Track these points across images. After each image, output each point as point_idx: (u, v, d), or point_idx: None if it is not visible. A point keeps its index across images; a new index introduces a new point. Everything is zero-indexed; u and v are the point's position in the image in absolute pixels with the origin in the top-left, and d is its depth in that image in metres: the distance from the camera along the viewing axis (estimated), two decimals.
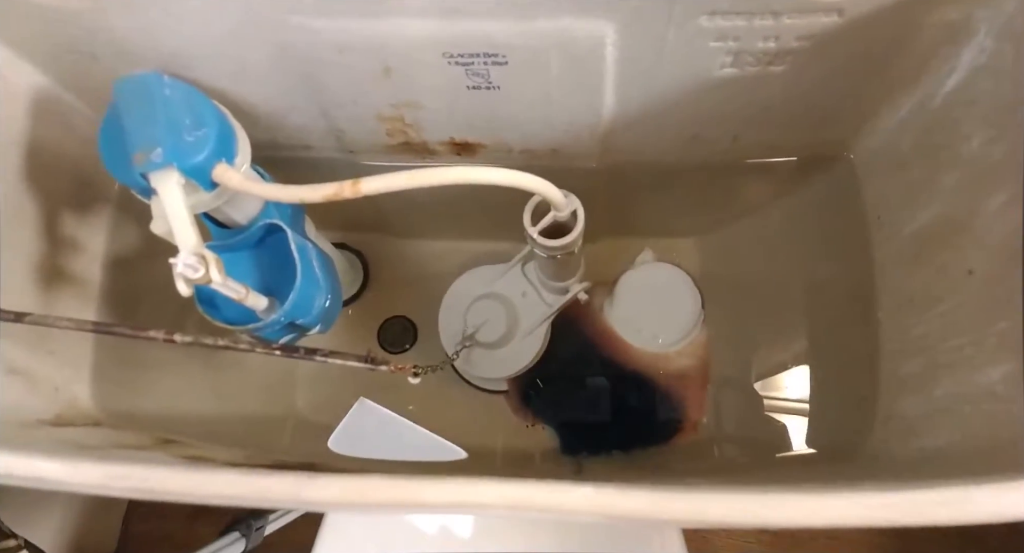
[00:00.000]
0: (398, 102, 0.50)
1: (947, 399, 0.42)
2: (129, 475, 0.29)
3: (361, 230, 0.86)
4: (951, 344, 0.42)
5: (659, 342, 0.81)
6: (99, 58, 0.48)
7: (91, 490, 0.30)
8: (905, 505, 0.26)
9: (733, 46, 0.42)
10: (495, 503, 0.28)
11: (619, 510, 0.27)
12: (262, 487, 0.29)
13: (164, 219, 0.44)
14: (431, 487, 0.28)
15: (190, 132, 0.44)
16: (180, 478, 0.29)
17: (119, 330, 0.43)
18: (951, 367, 0.42)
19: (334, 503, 0.29)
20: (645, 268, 0.83)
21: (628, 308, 0.82)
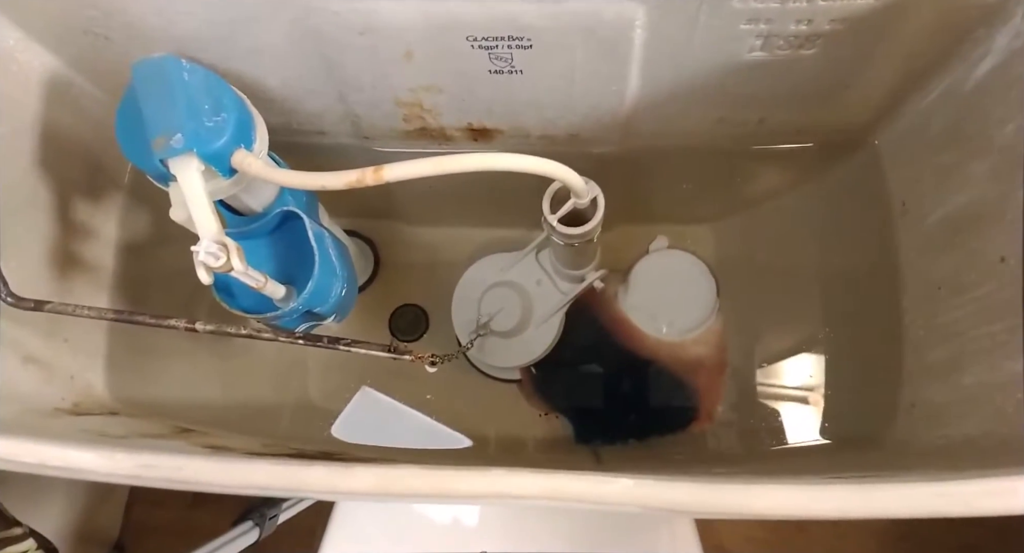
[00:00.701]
0: (417, 86, 0.49)
1: (977, 387, 0.42)
2: (162, 464, 0.29)
3: (371, 217, 0.86)
4: (983, 331, 0.42)
5: (674, 330, 0.81)
6: (113, 40, 0.47)
7: (124, 480, 0.30)
8: (953, 496, 0.26)
9: (764, 29, 0.42)
10: (534, 494, 0.28)
11: (661, 501, 0.27)
12: (299, 479, 0.29)
13: (183, 206, 0.44)
14: (467, 477, 0.28)
15: (210, 117, 0.44)
16: (215, 468, 0.29)
17: (140, 319, 0.43)
18: (982, 354, 0.42)
19: (370, 493, 0.28)
20: (660, 255, 0.83)
21: (643, 296, 0.81)
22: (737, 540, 0.96)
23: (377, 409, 0.81)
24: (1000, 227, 0.41)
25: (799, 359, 0.73)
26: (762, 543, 0.95)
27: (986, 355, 0.41)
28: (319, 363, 0.83)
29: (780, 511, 0.27)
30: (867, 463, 0.50)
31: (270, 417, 0.75)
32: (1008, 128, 0.41)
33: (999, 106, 0.42)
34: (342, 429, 0.79)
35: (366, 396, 0.81)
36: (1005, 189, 0.41)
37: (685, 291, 0.81)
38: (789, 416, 0.70)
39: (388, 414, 0.81)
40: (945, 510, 0.26)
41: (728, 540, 0.96)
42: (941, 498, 0.26)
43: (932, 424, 0.46)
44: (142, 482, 0.29)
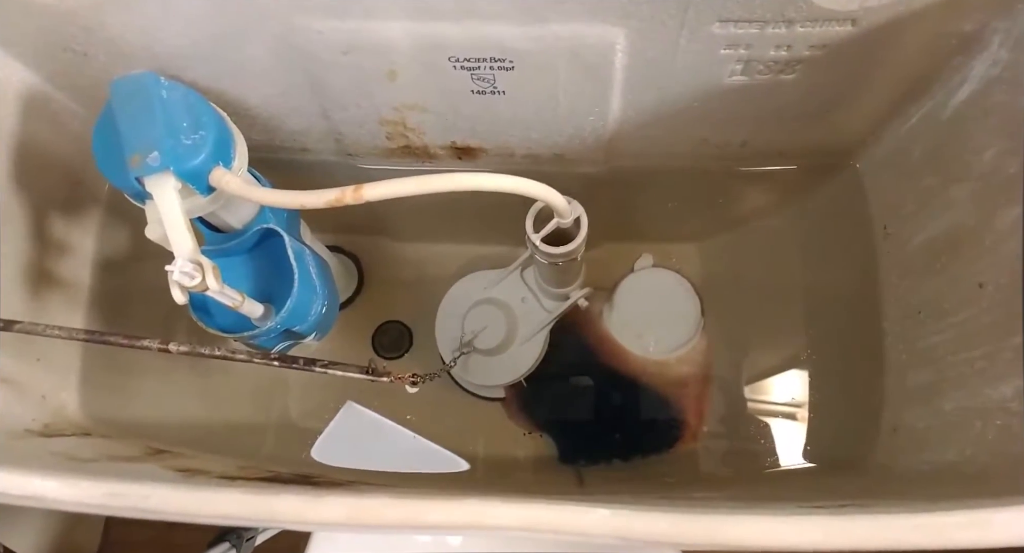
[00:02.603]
0: (401, 105, 0.49)
1: (957, 413, 0.42)
2: (129, 493, 0.28)
3: (355, 233, 0.85)
4: (962, 357, 0.42)
5: (659, 349, 0.80)
6: (93, 57, 0.47)
7: (90, 510, 0.29)
8: (926, 528, 0.26)
9: (744, 54, 0.42)
10: (510, 525, 0.28)
11: (636, 533, 0.27)
12: (267, 508, 0.28)
13: (159, 224, 0.43)
14: (441, 507, 0.28)
15: (188, 135, 0.44)
16: (183, 497, 0.28)
17: (113, 340, 0.42)
18: (961, 380, 0.42)
19: (341, 523, 0.28)
20: (644, 273, 0.83)
21: (627, 314, 0.81)
22: None
23: (361, 426, 0.80)
24: (979, 253, 0.41)
25: (783, 380, 0.73)
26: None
27: (966, 381, 0.41)
28: (300, 382, 0.82)
29: (758, 543, 0.26)
30: (850, 489, 0.50)
31: (249, 437, 0.74)
32: (987, 155, 0.41)
33: (978, 133, 0.42)
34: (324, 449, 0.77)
35: (350, 412, 0.80)
36: (984, 215, 0.41)
37: (670, 310, 0.81)
38: (774, 438, 0.70)
39: (373, 432, 0.80)
40: (922, 542, 0.26)
41: None
42: (918, 530, 0.26)
43: (914, 449, 0.46)
44: (110, 511, 0.29)
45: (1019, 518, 0.26)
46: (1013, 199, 0.38)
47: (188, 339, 0.70)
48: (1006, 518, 0.26)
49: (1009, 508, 0.26)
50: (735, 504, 0.29)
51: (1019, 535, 0.26)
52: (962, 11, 0.38)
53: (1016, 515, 0.26)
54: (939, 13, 0.39)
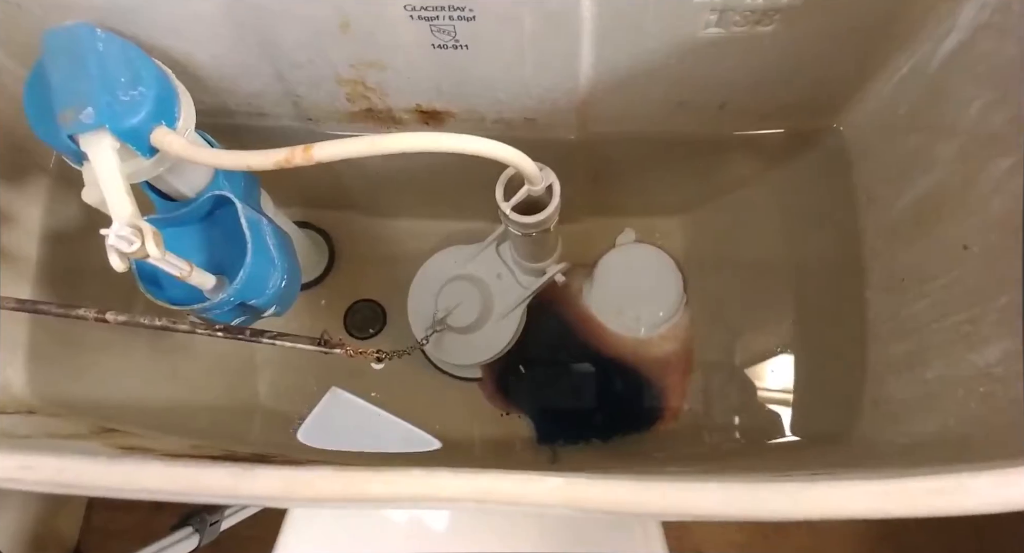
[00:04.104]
0: (358, 62, 0.47)
1: (939, 382, 0.41)
2: (43, 466, 0.27)
3: (326, 207, 0.83)
4: (945, 323, 0.41)
5: (640, 326, 0.79)
6: (27, 9, 0.44)
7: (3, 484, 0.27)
8: (897, 495, 0.25)
9: (718, 2, 0.40)
10: (458, 496, 0.26)
11: (591, 502, 0.25)
12: (192, 481, 0.26)
13: (96, 187, 0.41)
14: (383, 479, 0.26)
15: (126, 91, 0.41)
16: (101, 471, 0.27)
17: (44, 308, 0.40)
18: (944, 347, 0.41)
19: (276, 497, 0.26)
20: (625, 249, 0.82)
21: (608, 291, 0.80)
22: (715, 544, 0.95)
23: (346, 411, 0.79)
24: (964, 213, 0.40)
25: (767, 355, 0.72)
26: (741, 547, 0.94)
27: (948, 348, 0.40)
28: (268, 361, 0.80)
29: (716, 511, 0.25)
30: (832, 462, 0.49)
31: (214, 418, 0.72)
32: (974, 106, 0.39)
33: (965, 84, 0.40)
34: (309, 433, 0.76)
35: (335, 397, 0.79)
36: (970, 172, 0.39)
37: (652, 286, 0.80)
38: (757, 413, 0.69)
39: (359, 417, 0.78)
40: (894, 510, 0.25)
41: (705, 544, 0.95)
42: (889, 497, 0.25)
43: (895, 421, 0.45)
44: (23, 486, 0.27)
45: (994, 484, 0.25)
46: (1000, 152, 0.37)
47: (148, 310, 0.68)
48: (981, 484, 0.25)
49: (984, 473, 0.25)
50: (705, 476, 0.28)
51: (994, 501, 0.24)
52: None
53: (991, 480, 0.25)
54: None
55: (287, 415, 0.76)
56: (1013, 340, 0.34)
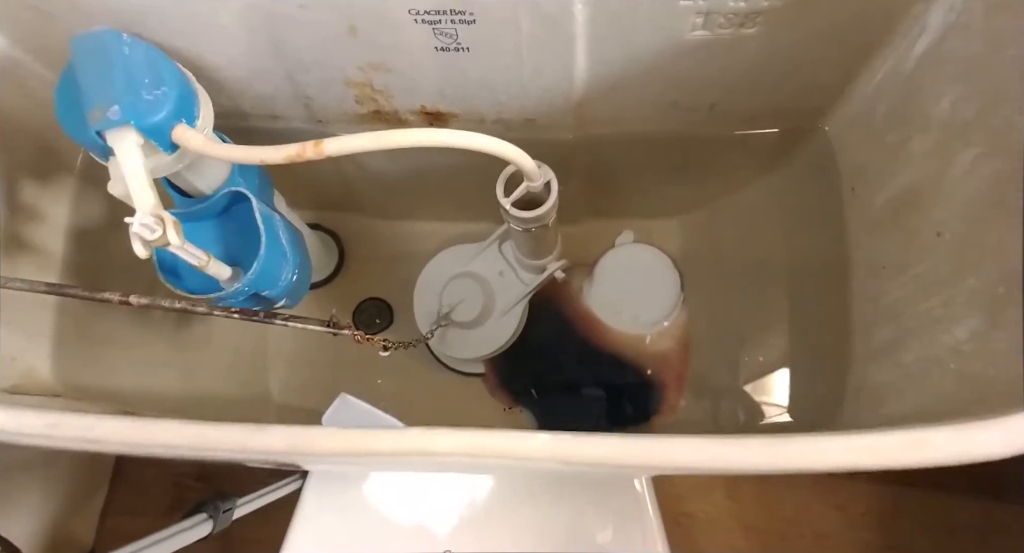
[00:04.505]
0: (365, 64, 0.49)
1: (916, 364, 0.42)
2: (72, 424, 0.28)
3: (336, 210, 0.86)
4: (921, 308, 0.42)
5: (638, 323, 0.81)
6: (56, 16, 0.47)
7: (33, 440, 0.29)
8: (866, 449, 0.26)
9: (703, 5, 0.42)
10: (452, 451, 0.28)
11: (575, 456, 0.27)
12: (208, 437, 0.28)
13: (122, 180, 0.43)
14: (385, 437, 0.28)
15: (149, 91, 0.44)
16: (123, 427, 0.28)
17: (72, 291, 0.42)
18: (920, 331, 0.42)
19: (282, 452, 0.28)
20: (624, 249, 0.83)
21: (607, 289, 0.81)
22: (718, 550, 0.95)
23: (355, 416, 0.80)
24: (937, 202, 0.42)
25: (762, 350, 0.73)
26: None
27: (924, 331, 0.41)
28: (280, 356, 0.82)
29: (693, 462, 0.26)
30: None
31: (226, 410, 0.74)
32: (944, 102, 0.41)
33: (937, 82, 0.42)
34: None
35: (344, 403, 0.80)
36: (942, 164, 0.41)
37: (650, 285, 0.81)
38: (752, 409, 0.70)
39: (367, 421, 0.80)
40: (862, 463, 0.26)
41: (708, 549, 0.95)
42: (857, 451, 0.26)
43: (877, 404, 0.46)
44: (52, 442, 0.29)
45: (952, 438, 0.26)
46: (968, 143, 0.38)
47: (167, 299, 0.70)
48: (940, 438, 0.26)
49: (943, 428, 0.26)
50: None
51: (954, 453, 0.26)
52: None
53: (949, 435, 0.26)
54: None
55: (298, 409, 0.78)
56: (980, 319, 0.35)
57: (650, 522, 0.60)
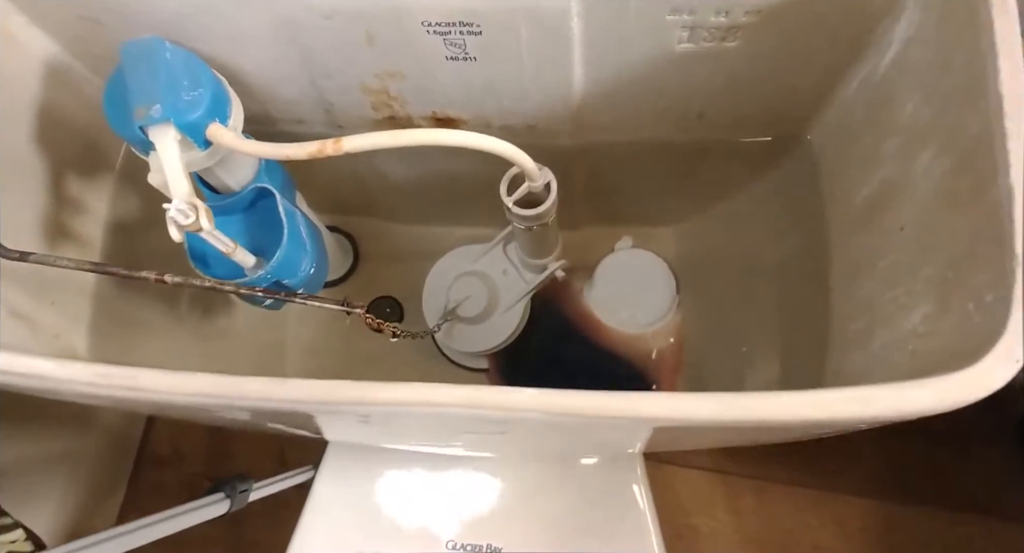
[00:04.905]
0: (381, 72, 0.53)
1: (882, 349, 0.45)
2: (118, 373, 0.32)
3: (353, 214, 0.90)
4: (887, 298, 0.45)
5: (635, 323, 0.83)
6: (105, 24, 0.51)
7: (81, 388, 0.32)
8: (818, 403, 0.29)
9: (688, 20, 0.46)
10: (451, 402, 0.31)
11: (558, 407, 0.30)
12: (236, 387, 0.32)
13: (160, 172, 0.47)
14: (391, 388, 0.31)
15: (187, 92, 0.48)
16: (162, 378, 0.32)
17: (114, 270, 0.46)
18: (886, 319, 0.45)
19: (301, 400, 0.31)
20: (623, 253, 0.86)
21: (606, 290, 0.85)
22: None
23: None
24: (901, 200, 0.44)
25: (752, 344, 0.76)
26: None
27: (889, 319, 0.44)
28: (297, 346, 0.86)
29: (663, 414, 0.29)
30: None
31: None
32: (908, 108, 0.44)
33: (902, 89, 0.45)
34: None
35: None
36: (905, 164, 0.44)
37: (646, 287, 0.84)
38: None
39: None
40: (809, 415, 0.29)
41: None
42: (806, 405, 0.29)
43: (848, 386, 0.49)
44: (97, 390, 0.32)
45: (891, 394, 0.29)
46: (926, 145, 0.41)
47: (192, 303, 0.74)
48: (881, 394, 0.29)
49: (885, 387, 0.29)
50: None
51: (891, 407, 0.29)
52: None
53: (889, 391, 0.29)
54: None
55: None
56: (933, 303, 0.38)
57: (649, 535, 0.62)
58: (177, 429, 1.06)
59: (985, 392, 0.29)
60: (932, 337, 0.37)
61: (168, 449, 1.06)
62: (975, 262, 0.34)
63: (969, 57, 0.36)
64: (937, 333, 0.38)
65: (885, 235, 0.47)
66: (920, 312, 0.39)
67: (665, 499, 0.91)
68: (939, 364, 0.32)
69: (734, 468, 0.92)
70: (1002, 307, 0.30)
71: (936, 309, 0.38)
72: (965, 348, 0.31)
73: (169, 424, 1.06)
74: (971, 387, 0.29)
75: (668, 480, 0.92)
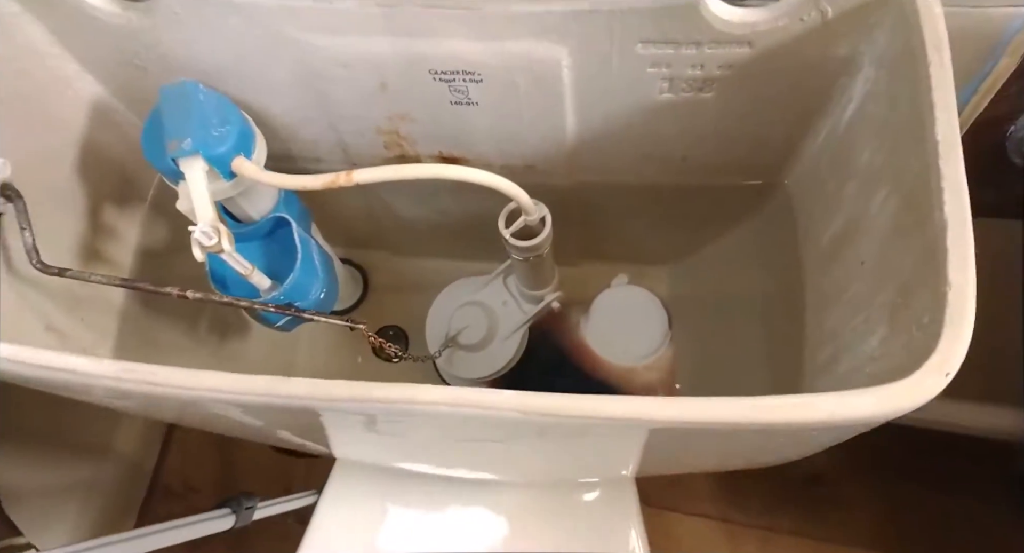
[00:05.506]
0: (393, 115, 0.57)
1: (846, 375, 0.47)
2: (139, 369, 0.35)
3: (364, 247, 0.93)
4: (849, 327, 0.47)
5: (629, 356, 0.86)
6: (148, 71, 0.56)
7: (108, 382, 0.35)
8: (763, 408, 0.31)
9: (667, 72, 0.50)
10: (436, 401, 0.33)
11: (535, 407, 0.33)
12: (245, 384, 0.34)
13: (188, 199, 0.51)
14: (383, 387, 0.34)
15: (216, 128, 0.52)
16: (180, 374, 0.35)
17: (141, 285, 0.49)
18: (850, 346, 0.47)
19: (303, 397, 0.34)
20: (619, 289, 0.89)
21: (601, 324, 0.87)
22: None
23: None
24: (861, 236, 0.47)
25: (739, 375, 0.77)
26: None
27: (852, 345, 0.46)
28: (307, 371, 0.88)
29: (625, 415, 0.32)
30: None
31: None
32: (865, 154, 0.47)
33: (860, 139, 0.48)
34: None
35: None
36: (864, 203, 0.47)
37: (640, 322, 0.87)
38: None
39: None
40: (758, 418, 0.31)
41: None
42: (755, 409, 0.32)
43: None
44: (122, 384, 0.35)
45: (834, 401, 0.31)
46: (880, 186, 0.44)
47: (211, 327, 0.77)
48: (822, 401, 0.31)
49: (826, 395, 0.31)
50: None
51: (834, 412, 0.31)
52: (835, 37, 0.46)
53: (832, 398, 0.31)
54: (817, 39, 0.46)
55: None
56: (886, 328, 0.41)
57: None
58: (189, 463, 1.08)
59: (917, 402, 0.31)
60: (885, 359, 0.40)
61: (179, 482, 1.08)
62: (918, 288, 0.37)
63: (912, 108, 0.39)
64: (889, 355, 0.40)
65: (848, 269, 0.49)
66: (877, 337, 0.42)
67: (667, 547, 0.92)
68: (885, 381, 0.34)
69: (738, 517, 0.93)
70: (936, 327, 0.33)
71: (889, 333, 0.40)
72: (910, 368, 0.33)
73: (181, 457, 1.09)
74: (905, 397, 0.31)
75: (670, 527, 0.93)
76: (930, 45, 0.39)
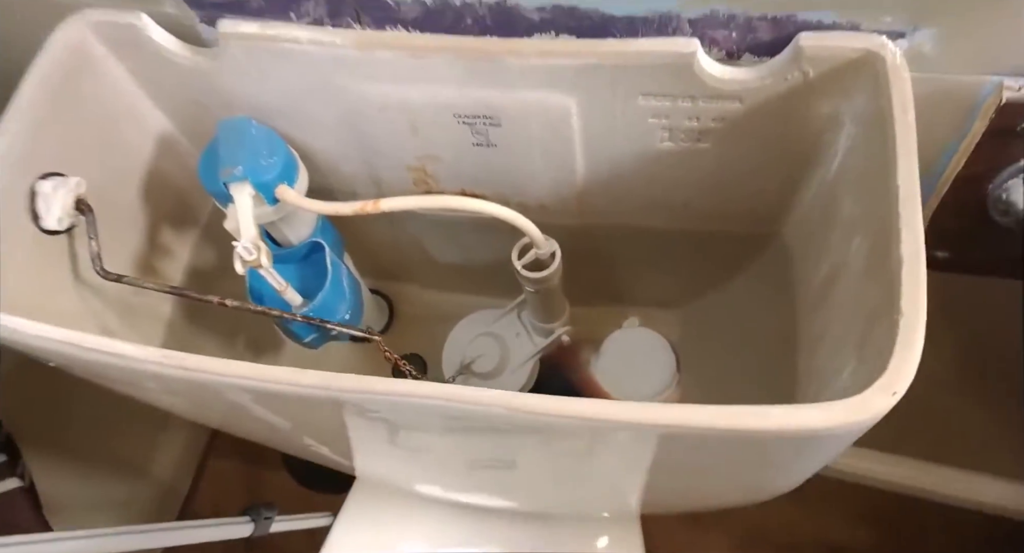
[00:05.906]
0: (422, 154, 0.63)
1: None
2: (176, 356, 0.39)
3: (392, 279, 0.98)
4: (830, 365, 0.49)
5: (637, 395, 0.87)
6: (209, 108, 0.63)
7: (150, 366, 0.40)
8: (723, 416, 0.34)
9: (666, 123, 0.54)
10: (432, 395, 0.37)
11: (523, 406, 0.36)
12: (268, 373, 0.38)
13: (235, 219, 0.57)
14: (385, 381, 0.38)
15: (264, 159, 0.58)
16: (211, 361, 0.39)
17: (187, 292, 0.54)
18: (827, 382, 0.49)
19: (316, 386, 0.38)
20: (630, 331, 0.91)
21: (611, 363, 0.89)
22: None
23: None
24: (842, 279, 0.50)
25: None
26: None
27: (830, 381, 0.48)
28: None
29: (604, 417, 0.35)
30: None
31: None
32: (846, 204, 0.50)
33: (843, 190, 0.52)
34: None
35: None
36: (845, 249, 0.50)
37: (648, 363, 0.89)
38: None
39: None
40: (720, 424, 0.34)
41: None
42: (719, 416, 0.34)
43: None
44: (160, 368, 0.39)
45: (788, 412, 0.34)
46: (856, 232, 0.47)
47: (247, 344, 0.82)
48: (777, 412, 0.34)
49: (780, 407, 0.34)
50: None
51: (786, 422, 0.34)
52: (817, 96, 0.49)
53: (786, 410, 0.34)
54: (801, 97, 0.50)
55: None
56: (855, 361, 0.43)
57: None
58: (219, 491, 1.11)
59: (864, 418, 0.34)
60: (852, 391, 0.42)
61: (209, 508, 1.12)
62: (879, 319, 0.39)
63: (881, 159, 0.43)
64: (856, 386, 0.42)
65: (830, 311, 0.52)
66: (848, 370, 0.44)
67: None
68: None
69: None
70: (888, 350, 0.35)
71: (857, 365, 0.42)
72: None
73: (212, 485, 1.12)
74: (854, 412, 0.34)
75: None
76: (897, 105, 0.43)
